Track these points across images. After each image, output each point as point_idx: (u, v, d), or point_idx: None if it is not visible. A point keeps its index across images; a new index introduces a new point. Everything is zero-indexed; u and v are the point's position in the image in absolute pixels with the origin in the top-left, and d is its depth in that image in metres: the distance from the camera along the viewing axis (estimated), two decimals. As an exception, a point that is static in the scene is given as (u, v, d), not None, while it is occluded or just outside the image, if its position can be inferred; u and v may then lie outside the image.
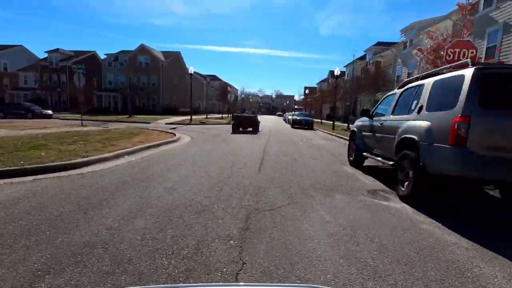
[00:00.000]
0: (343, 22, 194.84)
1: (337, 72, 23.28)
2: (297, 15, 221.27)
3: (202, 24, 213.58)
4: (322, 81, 61.64)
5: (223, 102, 38.14)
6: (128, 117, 28.71)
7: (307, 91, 46.08)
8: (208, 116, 34.70)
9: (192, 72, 25.83)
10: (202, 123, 25.90)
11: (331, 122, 34.78)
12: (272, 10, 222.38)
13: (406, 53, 27.07)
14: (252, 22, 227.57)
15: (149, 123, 24.68)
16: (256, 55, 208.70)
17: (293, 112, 41.17)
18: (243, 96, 72.82)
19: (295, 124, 25.72)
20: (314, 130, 24.72)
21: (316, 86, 54.54)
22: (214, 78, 69.16)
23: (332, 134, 18.91)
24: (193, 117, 33.61)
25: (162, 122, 25.38)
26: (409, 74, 26.53)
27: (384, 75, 26.56)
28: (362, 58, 42.66)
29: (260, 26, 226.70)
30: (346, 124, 23.00)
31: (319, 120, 35.14)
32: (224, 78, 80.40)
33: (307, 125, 25.57)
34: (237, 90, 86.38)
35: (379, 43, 36.21)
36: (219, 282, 2.28)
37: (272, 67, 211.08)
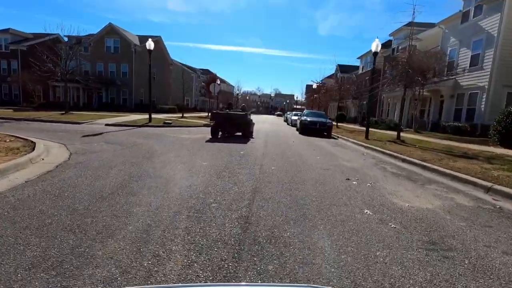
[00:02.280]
0: (341, 23, 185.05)
1: (376, 47, 14.18)
2: (296, 15, 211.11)
3: (199, 22, 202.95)
4: (328, 77, 52.63)
5: (209, 96, 28.82)
6: (62, 113, 19.52)
7: (314, 86, 36.90)
8: (184, 115, 25.55)
9: (152, 48, 16.70)
10: (166, 124, 16.79)
11: (350, 125, 25.86)
12: (270, 10, 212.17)
13: (468, 27, 18.03)
14: (250, 21, 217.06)
15: (81, 123, 15.55)
16: (254, 54, 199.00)
17: (298, 112, 31.99)
18: (238, 93, 63.64)
19: (305, 129, 16.55)
20: (335, 138, 15.62)
21: (320, 83, 45.38)
22: (206, 72, 59.97)
23: (387, 154, 9.78)
24: (162, 116, 24.53)
25: (104, 122, 16.25)
26: (473, 58, 17.47)
27: (433, 61, 17.48)
28: (384, 45, 33.61)
29: (258, 26, 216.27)
30: (396, 133, 13.72)
31: (334, 123, 26.03)
32: (220, 75, 71.10)
33: (323, 131, 16.48)
34: (232, 87, 77.15)
35: (412, 24, 27.08)
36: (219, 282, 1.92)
37: (271, 66, 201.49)
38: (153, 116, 22.45)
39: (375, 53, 14.34)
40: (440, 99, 20.46)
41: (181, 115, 24.90)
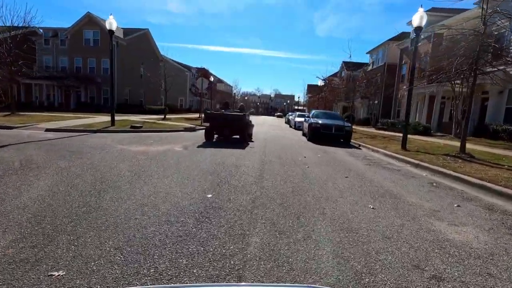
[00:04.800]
0: (340, 24, 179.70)
1: (419, 20, 9.80)
2: (294, 17, 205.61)
3: (198, 24, 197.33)
4: (332, 75, 48.28)
5: (199, 94, 24.40)
6: (6, 115, 15.24)
7: (320, 83, 32.57)
8: (168, 117, 21.23)
9: (113, 28, 12.46)
10: (134, 128, 12.49)
11: (363, 128, 20.44)
12: (269, 11, 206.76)
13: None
14: (249, 23, 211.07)
15: (14, 128, 11.30)
16: (253, 55, 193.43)
17: (303, 113, 27.92)
18: (235, 92, 59.15)
19: (316, 134, 12.26)
20: (356, 147, 11.36)
21: (326, 79, 40.91)
22: (202, 71, 55.72)
23: (480, 186, 5.48)
24: (141, 117, 20.36)
25: (48, 126, 11.95)
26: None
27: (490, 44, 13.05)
28: (396, 38, 29.34)
29: (257, 27, 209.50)
30: (460, 145, 9.07)
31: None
32: (220, 76, 66.82)
33: (340, 137, 12.24)
34: (231, 87, 72.97)
35: (434, 9, 22.86)
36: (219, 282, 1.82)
37: (270, 67, 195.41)
38: (127, 118, 18.29)
39: (418, 29, 10.08)
40: (481, 96, 16.19)
41: (163, 116, 20.59)
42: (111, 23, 12.33)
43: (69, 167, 5.16)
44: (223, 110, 11.32)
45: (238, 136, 10.54)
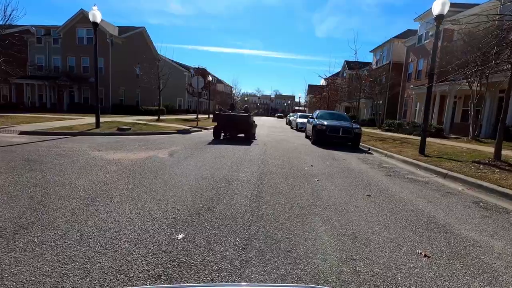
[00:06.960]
0: (339, 25, 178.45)
1: (440, 7, 8.56)
2: (294, 18, 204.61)
3: (198, 25, 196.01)
4: (334, 75, 46.95)
5: (197, 94, 23.10)
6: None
7: (322, 82, 31.31)
8: (163, 118, 19.98)
9: (98, 21, 11.20)
10: (121, 130, 11.24)
11: (369, 130, 18.76)
12: (269, 13, 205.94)
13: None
14: (249, 24, 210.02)
15: (-17, 131, 10.06)
16: (253, 56, 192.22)
17: (306, 114, 26.82)
18: (234, 92, 57.72)
19: (322, 137, 10.98)
20: (366, 152, 10.10)
21: (329, 78, 39.43)
22: (200, 70, 54.46)
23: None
24: (133, 119, 19.11)
25: (25, 128, 10.71)
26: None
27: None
28: (401, 36, 28.06)
29: (257, 28, 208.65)
30: (492, 149, 7.78)
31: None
32: (220, 77, 65.61)
33: (348, 140, 10.98)
34: (231, 87, 71.74)
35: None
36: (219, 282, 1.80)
37: (270, 68, 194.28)
38: (118, 119, 17.07)
39: (440, 17, 8.84)
40: (498, 95, 14.92)
41: (157, 117, 19.33)
42: (95, 15, 11.07)
43: (7, 184, 3.92)
44: (230, 111, 11.97)
45: (243, 135, 11.26)
